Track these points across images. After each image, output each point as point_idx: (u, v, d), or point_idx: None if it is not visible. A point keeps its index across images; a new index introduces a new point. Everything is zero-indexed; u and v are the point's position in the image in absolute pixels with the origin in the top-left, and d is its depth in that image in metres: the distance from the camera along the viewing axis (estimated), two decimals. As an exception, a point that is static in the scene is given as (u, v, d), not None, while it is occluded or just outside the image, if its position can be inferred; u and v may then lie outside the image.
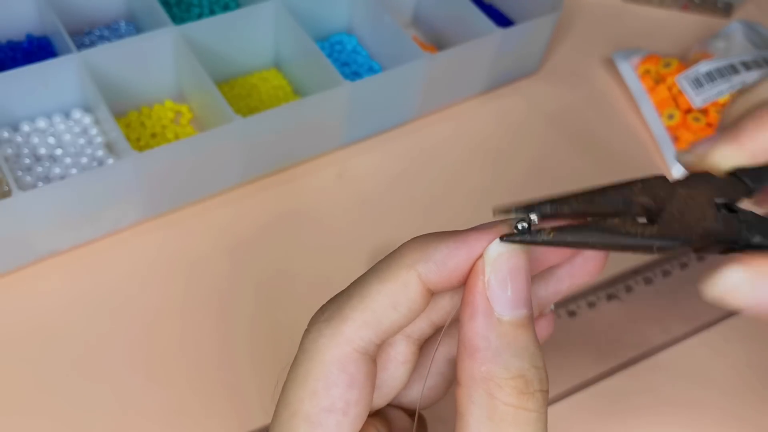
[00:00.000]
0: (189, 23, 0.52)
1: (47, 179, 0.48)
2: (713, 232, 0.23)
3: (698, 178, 0.24)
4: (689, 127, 0.57)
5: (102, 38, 0.56)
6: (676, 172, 0.56)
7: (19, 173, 0.48)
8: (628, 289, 0.49)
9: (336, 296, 0.25)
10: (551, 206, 0.23)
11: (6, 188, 0.45)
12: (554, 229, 0.23)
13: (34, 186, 0.47)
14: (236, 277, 0.47)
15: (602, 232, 0.22)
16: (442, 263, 0.24)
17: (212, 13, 0.57)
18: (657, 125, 0.58)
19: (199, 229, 0.49)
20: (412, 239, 0.25)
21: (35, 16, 0.54)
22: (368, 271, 0.25)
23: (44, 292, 0.46)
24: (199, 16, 0.57)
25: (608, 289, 0.49)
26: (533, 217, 0.23)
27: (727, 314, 0.48)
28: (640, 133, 0.59)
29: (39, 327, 0.44)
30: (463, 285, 0.24)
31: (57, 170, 0.48)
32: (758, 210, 0.25)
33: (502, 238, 0.23)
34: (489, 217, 0.25)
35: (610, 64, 0.63)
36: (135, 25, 0.57)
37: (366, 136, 0.55)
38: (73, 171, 0.48)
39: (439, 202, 0.53)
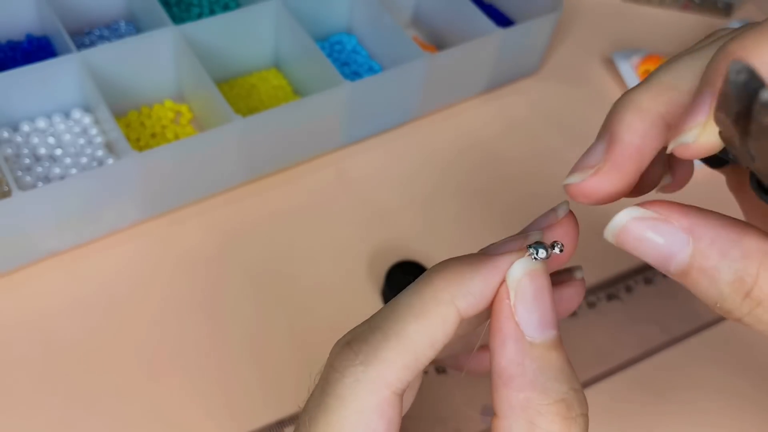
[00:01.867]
0: (189, 23, 0.52)
1: (47, 179, 0.48)
2: None
3: None
4: (689, 127, 0.57)
5: (102, 38, 0.56)
6: (677, 172, 0.56)
7: (19, 173, 0.48)
8: (628, 289, 0.49)
9: (365, 332, 0.23)
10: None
11: (6, 188, 0.45)
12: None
13: (34, 186, 0.47)
14: (236, 277, 0.47)
15: None
16: (481, 294, 0.22)
17: (212, 12, 0.57)
18: (657, 125, 0.58)
19: (198, 229, 0.49)
20: (440, 266, 0.23)
21: (35, 16, 0.54)
22: (399, 304, 0.23)
23: (44, 292, 0.46)
24: (199, 16, 0.57)
25: (608, 289, 0.49)
26: (556, 251, 0.24)
27: (728, 314, 0.48)
28: (640, 133, 0.59)
29: (39, 327, 0.44)
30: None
31: (57, 170, 0.48)
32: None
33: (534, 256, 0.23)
34: (489, 217, 0.25)
35: (611, 64, 0.63)
36: (135, 25, 0.57)
37: (366, 136, 0.55)
38: (73, 171, 0.48)
39: (439, 202, 0.53)
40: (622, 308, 0.48)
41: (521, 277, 0.22)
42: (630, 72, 0.60)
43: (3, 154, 0.48)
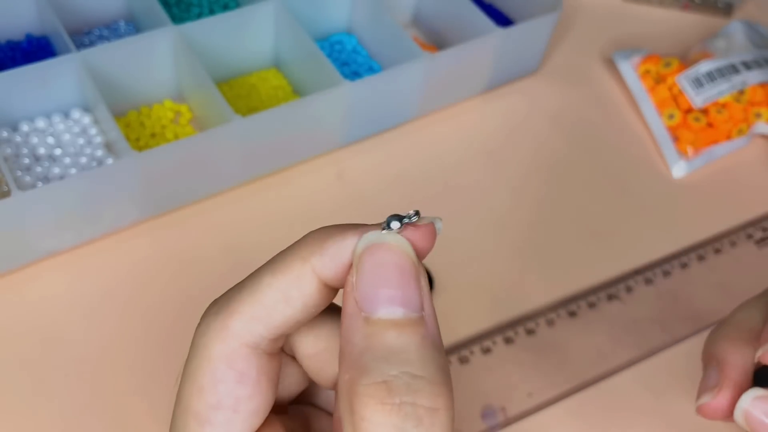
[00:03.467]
0: (188, 23, 0.51)
1: (46, 179, 0.48)
2: None
3: None
4: (690, 127, 0.57)
5: (101, 38, 0.56)
6: (676, 172, 0.56)
7: (18, 173, 0.48)
8: (629, 290, 0.49)
9: (229, 289, 0.24)
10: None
11: (5, 188, 0.45)
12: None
13: (34, 186, 0.47)
14: (235, 277, 0.47)
15: None
16: (337, 257, 0.22)
17: (212, 12, 0.57)
18: (657, 125, 0.58)
19: (198, 229, 0.49)
20: (314, 230, 0.23)
21: (34, 16, 0.54)
22: (266, 262, 0.23)
23: (43, 292, 0.46)
24: (199, 16, 0.57)
25: (608, 289, 0.48)
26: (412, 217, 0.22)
27: (728, 314, 0.48)
28: (641, 133, 0.59)
29: (38, 327, 0.44)
30: None
31: (56, 170, 0.48)
32: None
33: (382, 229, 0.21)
34: (489, 217, 0.25)
35: (611, 64, 0.63)
36: (134, 25, 0.57)
37: (366, 136, 0.55)
38: (73, 171, 0.48)
39: (439, 202, 0.53)
40: (622, 308, 0.48)
41: (362, 251, 0.21)
42: (630, 72, 0.60)
43: (2, 154, 0.48)
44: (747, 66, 0.58)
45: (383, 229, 0.22)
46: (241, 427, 0.22)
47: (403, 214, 0.22)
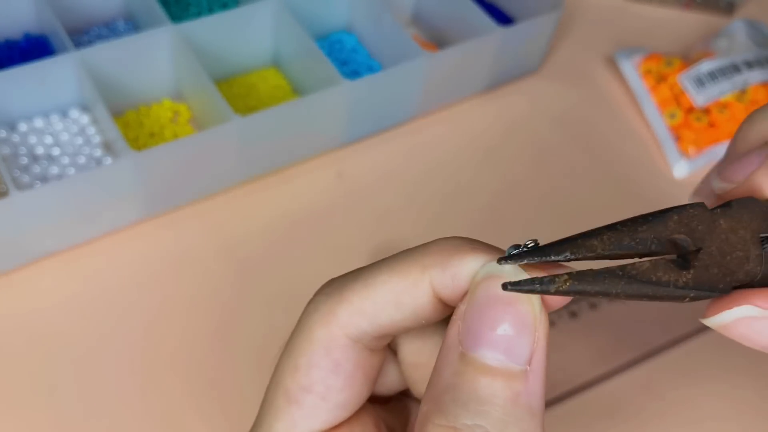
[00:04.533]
0: (187, 22, 0.51)
1: (45, 179, 0.48)
2: (756, 276, 0.20)
3: (741, 205, 0.20)
4: (691, 127, 0.57)
5: (100, 37, 0.56)
6: (677, 172, 0.56)
7: (17, 173, 0.48)
8: (630, 290, 0.48)
9: (347, 273, 0.22)
10: (571, 252, 0.19)
11: (3, 188, 0.45)
12: (570, 277, 0.19)
13: (32, 186, 0.47)
14: (235, 277, 0.47)
15: (628, 281, 0.18)
16: (458, 278, 0.20)
17: (211, 11, 0.57)
18: (659, 124, 0.58)
19: (197, 229, 0.49)
20: (446, 238, 0.22)
21: (33, 15, 0.54)
22: (390, 256, 0.22)
23: (42, 292, 0.45)
24: (198, 15, 0.57)
25: (610, 289, 0.48)
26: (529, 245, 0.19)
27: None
28: (642, 133, 0.59)
29: (36, 327, 0.44)
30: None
31: (54, 170, 0.48)
32: None
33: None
34: (489, 217, 0.24)
35: (612, 63, 0.63)
36: (133, 24, 0.57)
37: (366, 135, 0.55)
38: (71, 171, 0.48)
39: (439, 202, 0.52)
40: (623, 309, 0.48)
41: (478, 282, 0.19)
42: (632, 71, 0.60)
43: (0, 153, 0.48)
44: (749, 65, 0.57)
45: (508, 258, 0.19)
46: (326, 417, 0.21)
47: (529, 244, 0.19)
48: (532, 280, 0.19)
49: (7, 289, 0.45)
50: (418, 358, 0.24)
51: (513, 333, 0.19)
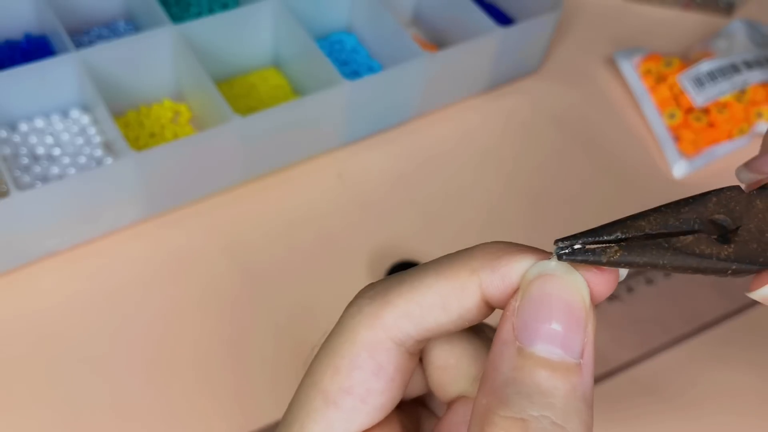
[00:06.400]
0: (188, 22, 0.51)
1: (45, 179, 0.48)
2: None
3: None
4: (691, 127, 0.57)
5: (100, 37, 0.56)
6: (677, 172, 0.56)
7: (17, 173, 0.48)
8: (630, 290, 0.49)
9: (388, 277, 0.23)
10: (621, 232, 0.20)
11: (4, 188, 0.45)
12: (620, 248, 0.20)
13: (33, 186, 0.47)
14: (235, 277, 0.47)
15: (674, 252, 0.20)
16: (507, 278, 0.20)
17: (211, 11, 0.57)
18: (658, 125, 0.58)
19: (198, 228, 0.49)
20: (491, 242, 0.22)
21: (33, 16, 0.54)
22: (432, 261, 0.22)
23: (43, 291, 0.45)
24: (198, 15, 0.57)
25: (609, 289, 0.48)
26: (577, 246, 0.20)
27: (729, 315, 0.48)
28: (642, 133, 0.59)
29: (38, 327, 0.44)
30: None
31: (55, 170, 0.48)
32: None
33: (560, 257, 0.20)
34: (489, 217, 0.24)
35: (612, 64, 0.63)
36: (134, 24, 0.57)
37: (366, 135, 0.55)
38: (72, 171, 0.48)
39: (439, 202, 0.52)
40: (623, 309, 0.48)
41: (532, 279, 0.20)
42: (631, 71, 0.60)
43: (1, 153, 0.48)
44: (748, 65, 0.58)
45: (559, 256, 0.20)
46: (363, 419, 0.22)
47: (576, 242, 0.20)
48: (585, 250, 0.20)
49: (8, 289, 0.45)
50: (446, 361, 0.24)
51: (567, 328, 0.20)
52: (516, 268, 0.21)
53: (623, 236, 0.20)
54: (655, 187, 0.55)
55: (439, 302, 0.21)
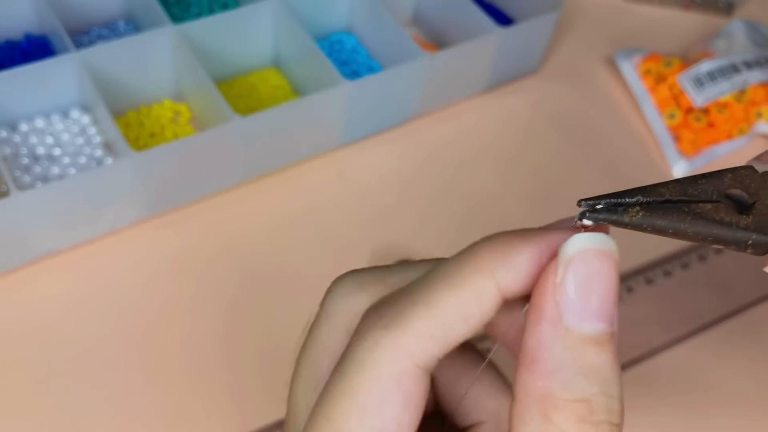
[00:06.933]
0: (188, 22, 0.51)
1: (45, 179, 0.48)
2: None
3: None
4: (690, 127, 0.57)
5: (101, 37, 0.56)
6: (677, 172, 0.56)
7: (18, 173, 0.48)
8: (629, 290, 0.49)
9: (395, 297, 0.21)
10: (643, 196, 0.21)
11: (4, 188, 0.45)
12: (642, 209, 0.20)
13: (33, 186, 0.47)
14: (235, 277, 0.47)
15: (695, 218, 0.20)
16: (526, 270, 0.20)
17: (211, 12, 0.57)
18: (658, 125, 0.58)
19: (198, 229, 0.49)
20: (486, 239, 0.21)
21: (34, 16, 0.54)
22: (437, 271, 0.21)
23: (43, 291, 0.45)
24: (198, 15, 0.57)
25: (609, 289, 0.48)
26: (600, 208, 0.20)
27: (729, 315, 0.48)
28: (641, 133, 0.59)
29: (37, 327, 0.44)
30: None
31: (55, 170, 0.48)
32: None
33: (583, 214, 0.20)
34: (489, 217, 0.24)
35: (611, 64, 0.63)
36: (134, 25, 0.57)
37: (366, 135, 0.55)
38: (72, 171, 0.48)
39: (439, 202, 0.52)
40: (623, 309, 0.47)
41: (575, 253, 0.20)
42: (631, 71, 0.60)
43: (1, 153, 0.48)
44: (748, 65, 0.58)
45: (582, 213, 0.20)
46: None
47: (599, 202, 0.20)
48: (608, 209, 0.20)
49: (8, 289, 0.45)
50: (456, 374, 0.24)
51: (608, 301, 0.20)
52: (533, 257, 0.20)
53: (644, 200, 0.20)
54: (654, 187, 0.55)
55: (460, 315, 0.20)
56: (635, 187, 0.21)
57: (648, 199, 0.20)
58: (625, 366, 0.45)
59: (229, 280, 0.47)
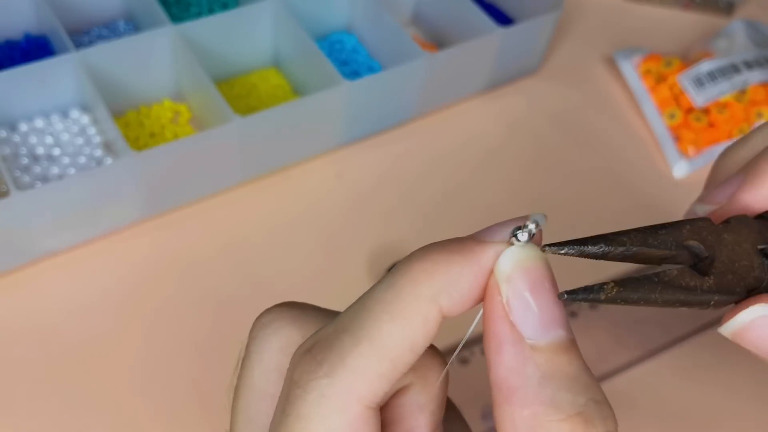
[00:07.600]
0: (188, 22, 0.51)
1: (45, 179, 0.48)
2: (762, 283, 0.22)
3: (738, 221, 0.23)
4: (691, 127, 0.57)
5: (100, 37, 0.56)
6: (677, 172, 0.56)
7: (17, 173, 0.48)
8: (630, 290, 0.48)
9: (329, 336, 0.19)
10: (605, 245, 0.21)
11: (4, 188, 0.45)
12: (617, 285, 0.20)
13: (32, 186, 0.47)
14: (235, 277, 0.47)
15: (664, 286, 0.21)
16: (469, 291, 0.19)
17: (211, 11, 0.57)
18: (658, 125, 0.58)
19: (197, 229, 0.49)
20: (420, 255, 0.20)
21: (33, 15, 0.54)
22: (371, 299, 0.19)
23: (42, 291, 0.45)
24: (198, 15, 0.57)
25: (609, 289, 0.48)
26: (531, 227, 0.20)
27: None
28: (642, 133, 0.59)
29: (37, 327, 0.44)
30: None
31: (55, 170, 0.48)
32: None
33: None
34: (489, 217, 0.24)
35: (612, 64, 0.63)
36: (134, 24, 0.57)
37: (365, 135, 0.55)
38: (71, 171, 0.48)
39: (439, 202, 0.52)
40: (623, 309, 0.48)
41: (511, 269, 0.19)
42: (631, 71, 0.60)
43: (1, 153, 0.48)
44: (748, 65, 0.58)
45: (512, 242, 0.20)
46: None
47: (530, 226, 0.20)
48: (585, 289, 0.20)
49: (7, 289, 0.45)
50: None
51: (559, 307, 0.19)
52: (474, 276, 0.19)
53: (606, 247, 0.21)
54: (655, 187, 0.55)
55: (408, 346, 0.19)
56: (598, 234, 0.21)
57: (610, 246, 0.21)
58: (625, 366, 0.45)
59: (229, 280, 0.47)
